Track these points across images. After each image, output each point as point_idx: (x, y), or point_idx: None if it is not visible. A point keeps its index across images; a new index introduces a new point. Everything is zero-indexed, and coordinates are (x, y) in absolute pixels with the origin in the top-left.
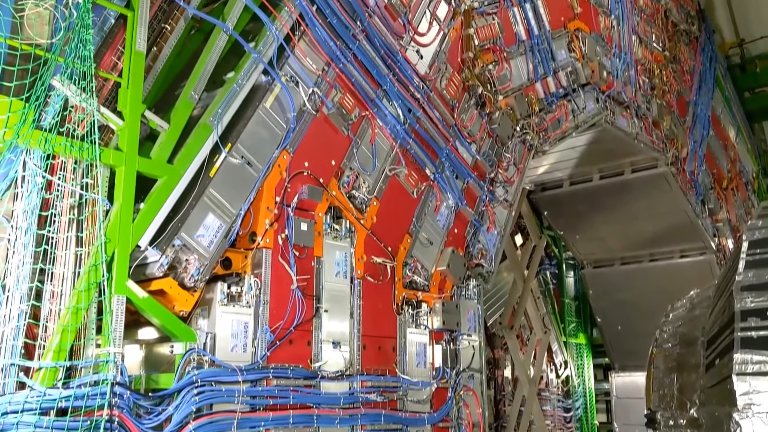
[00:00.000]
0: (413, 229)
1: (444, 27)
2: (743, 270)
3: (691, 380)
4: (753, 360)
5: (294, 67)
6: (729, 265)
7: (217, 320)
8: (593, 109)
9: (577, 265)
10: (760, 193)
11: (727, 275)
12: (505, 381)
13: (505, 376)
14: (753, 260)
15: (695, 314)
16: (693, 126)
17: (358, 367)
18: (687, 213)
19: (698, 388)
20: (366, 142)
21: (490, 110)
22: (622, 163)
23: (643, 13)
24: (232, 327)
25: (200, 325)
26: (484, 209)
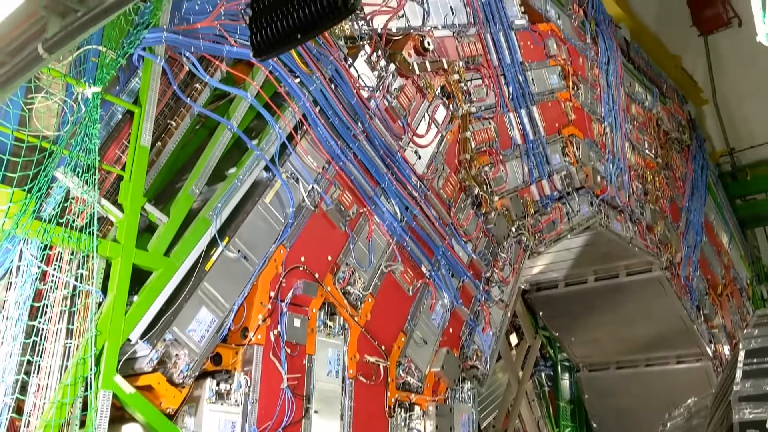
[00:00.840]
0: (408, 327)
1: (442, 129)
2: (740, 380)
3: None
4: None
5: (295, 164)
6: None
7: (204, 419)
8: (588, 212)
9: (573, 367)
10: (754, 300)
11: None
12: None
13: None
14: (750, 370)
15: (693, 424)
16: (686, 231)
17: None
18: (682, 318)
19: None
20: (363, 238)
21: (486, 210)
22: (617, 265)
23: (636, 121)
24: (219, 426)
25: (186, 423)
26: (479, 309)
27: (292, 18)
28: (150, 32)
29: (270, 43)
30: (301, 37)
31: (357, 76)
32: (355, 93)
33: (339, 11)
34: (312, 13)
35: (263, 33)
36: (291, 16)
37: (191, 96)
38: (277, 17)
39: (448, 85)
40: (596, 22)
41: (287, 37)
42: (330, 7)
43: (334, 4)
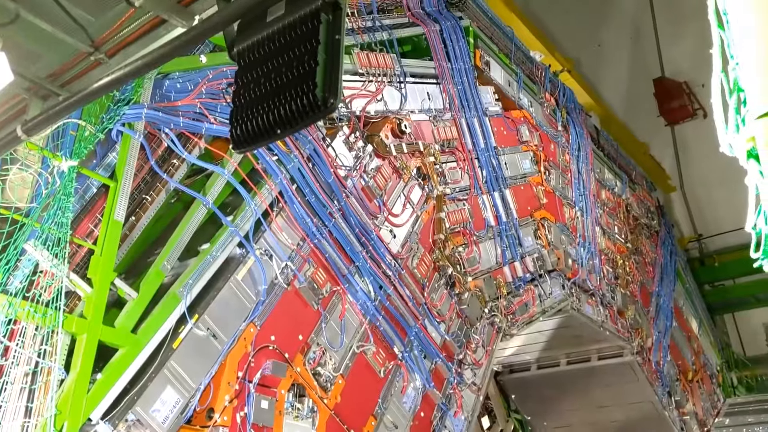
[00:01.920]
0: (378, 411)
1: (417, 210)
2: None
3: None
4: None
5: (269, 240)
6: None
7: None
8: (559, 295)
9: None
10: (724, 387)
11: None
12: None
13: None
14: None
15: None
16: (657, 316)
17: None
18: (654, 404)
19: None
20: (335, 317)
21: (460, 291)
22: (588, 349)
23: (606, 206)
24: None
25: None
26: (451, 392)
27: (273, 114)
28: (130, 108)
29: (249, 137)
30: (281, 132)
31: (335, 156)
32: (333, 172)
33: (319, 110)
34: (293, 111)
35: (243, 127)
36: (271, 112)
37: (168, 171)
38: (258, 113)
39: (424, 166)
40: (567, 110)
41: (267, 132)
42: (310, 106)
43: (314, 104)
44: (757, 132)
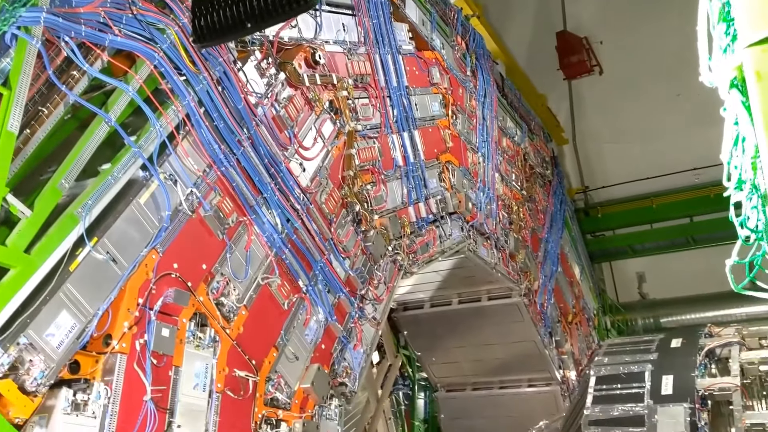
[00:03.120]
0: (280, 342)
1: (328, 144)
2: (591, 405)
3: None
4: None
5: (174, 165)
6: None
7: (57, 430)
8: (458, 236)
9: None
10: (599, 330)
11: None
12: None
13: None
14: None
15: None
16: (544, 261)
17: None
18: (536, 344)
19: None
20: (241, 248)
21: (366, 228)
22: (480, 290)
23: (506, 153)
24: None
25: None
26: (352, 326)
27: (244, 5)
28: (28, 11)
29: (215, 31)
30: (251, 26)
31: (245, 81)
32: (243, 98)
33: (298, 5)
34: (268, 2)
35: (208, 18)
36: (242, 3)
37: (67, 84)
38: (226, 3)
39: (337, 100)
40: (476, 56)
41: (235, 26)
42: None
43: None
44: (746, 60)
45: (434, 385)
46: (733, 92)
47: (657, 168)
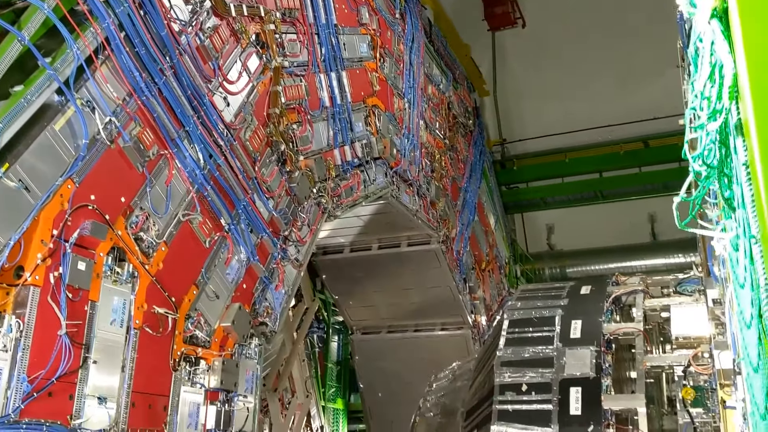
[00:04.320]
0: (201, 280)
1: (253, 79)
2: (504, 346)
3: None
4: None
5: (92, 91)
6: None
7: None
8: (382, 182)
9: (343, 331)
10: (510, 278)
11: (488, 350)
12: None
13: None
14: (512, 338)
15: (457, 386)
16: (462, 210)
17: (124, 426)
18: (451, 289)
19: None
20: (161, 182)
21: (291, 169)
22: (400, 236)
23: (431, 101)
24: None
25: None
26: (275, 267)
27: None
28: None
29: None
30: None
31: (169, 7)
32: (166, 24)
33: None
34: None
35: None
36: None
37: None
38: None
39: (263, 34)
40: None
41: None
42: None
43: None
44: None
45: (350, 327)
46: (713, 23)
47: (572, 124)
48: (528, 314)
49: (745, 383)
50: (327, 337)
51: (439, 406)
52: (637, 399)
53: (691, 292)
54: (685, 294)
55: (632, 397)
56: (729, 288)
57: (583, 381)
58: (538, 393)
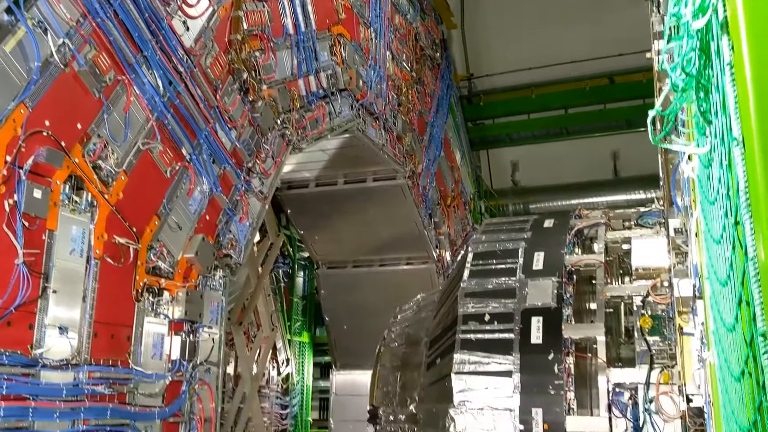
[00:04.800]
0: (163, 211)
1: (214, 3)
2: (467, 278)
3: (414, 378)
4: (470, 360)
5: (44, 11)
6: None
7: None
8: (348, 115)
9: (308, 266)
10: (474, 213)
11: (452, 282)
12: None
13: (227, 372)
14: (476, 270)
15: (421, 317)
16: (429, 145)
17: (87, 356)
18: (417, 224)
19: (419, 385)
20: (119, 109)
21: (254, 98)
22: (365, 171)
23: (398, 32)
24: None
25: None
26: (238, 199)
27: None
28: None
29: None
30: None
31: None
32: None
33: None
34: None
35: None
36: None
37: None
38: None
39: None
40: None
41: None
42: None
43: None
44: None
45: (316, 262)
46: None
47: (538, 60)
48: (492, 247)
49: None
50: (292, 272)
51: (404, 336)
52: (597, 328)
53: (652, 225)
54: (646, 227)
55: (592, 327)
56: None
57: (544, 311)
58: (500, 322)
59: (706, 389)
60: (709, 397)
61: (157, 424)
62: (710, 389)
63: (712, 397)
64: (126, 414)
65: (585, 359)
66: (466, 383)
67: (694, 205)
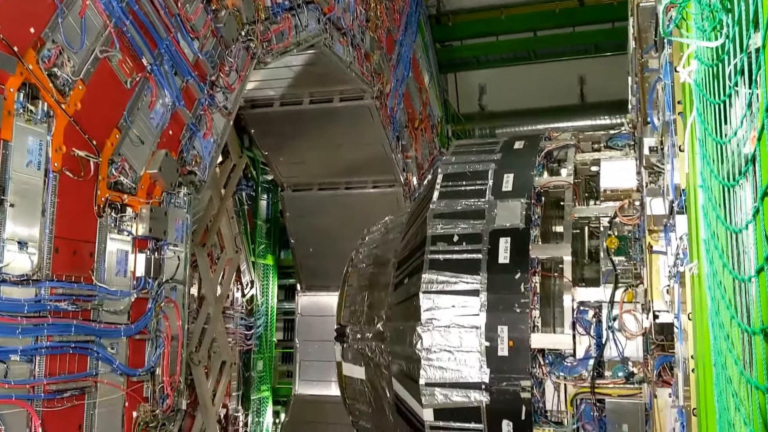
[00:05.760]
0: (124, 123)
1: None
2: (437, 199)
3: (381, 298)
4: (438, 280)
5: None
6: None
7: None
8: (315, 29)
9: (272, 189)
10: (441, 137)
11: (421, 203)
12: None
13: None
14: (446, 191)
15: (389, 238)
16: (397, 65)
17: (48, 272)
18: (384, 146)
19: (386, 304)
20: (74, 13)
21: (217, 7)
22: (332, 90)
23: None
24: None
25: None
26: (202, 114)
27: None
28: None
29: None
30: None
31: None
32: None
33: None
34: None
35: None
36: None
37: None
38: None
39: None
40: None
41: None
42: None
43: None
44: None
45: (281, 184)
46: None
47: None
48: (462, 168)
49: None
50: (256, 194)
51: (371, 257)
52: (563, 248)
53: (621, 147)
54: (615, 149)
55: (558, 247)
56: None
57: (512, 231)
58: (468, 243)
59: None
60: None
61: (123, 341)
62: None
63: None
64: (90, 330)
65: (551, 278)
66: (434, 302)
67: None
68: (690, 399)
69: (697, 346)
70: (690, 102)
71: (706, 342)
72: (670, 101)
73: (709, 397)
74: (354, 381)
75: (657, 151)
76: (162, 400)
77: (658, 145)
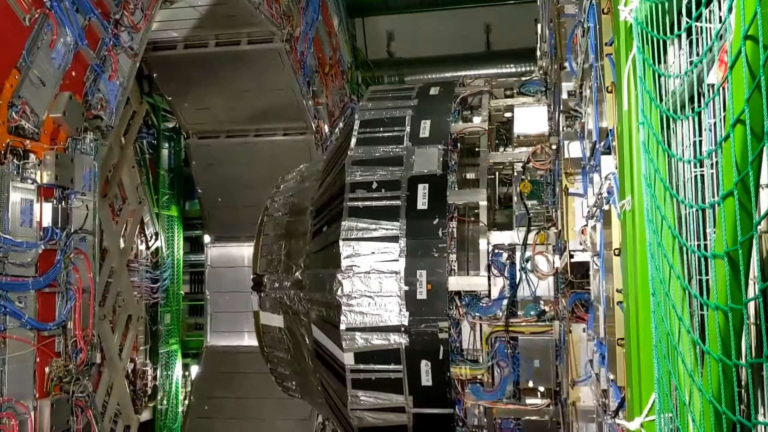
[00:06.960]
0: (23, 63)
1: None
2: (355, 146)
3: (299, 246)
4: (358, 227)
5: None
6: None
7: None
8: None
9: (174, 137)
10: (351, 84)
11: (338, 151)
12: None
13: None
14: (363, 138)
15: (305, 186)
16: (307, 7)
17: None
18: (294, 92)
19: (305, 253)
20: None
21: None
22: (240, 32)
23: None
24: None
25: None
26: (106, 54)
27: None
28: None
29: None
30: None
31: None
32: None
33: None
34: None
35: None
36: None
37: None
38: None
39: None
40: None
41: None
42: None
43: None
44: None
45: (186, 132)
46: None
47: None
48: (379, 114)
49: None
50: (158, 143)
51: (288, 206)
52: (479, 193)
53: (533, 93)
54: (527, 95)
55: (474, 192)
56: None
57: (430, 177)
58: (387, 190)
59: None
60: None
61: (32, 294)
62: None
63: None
64: None
65: (466, 223)
66: (354, 249)
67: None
68: (614, 331)
69: (629, 280)
70: (628, 41)
71: (642, 274)
72: (595, 45)
73: (642, 327)
74: (272, 329)
75: (575, 95)
76: (75, 355)
77: (576, 89)
